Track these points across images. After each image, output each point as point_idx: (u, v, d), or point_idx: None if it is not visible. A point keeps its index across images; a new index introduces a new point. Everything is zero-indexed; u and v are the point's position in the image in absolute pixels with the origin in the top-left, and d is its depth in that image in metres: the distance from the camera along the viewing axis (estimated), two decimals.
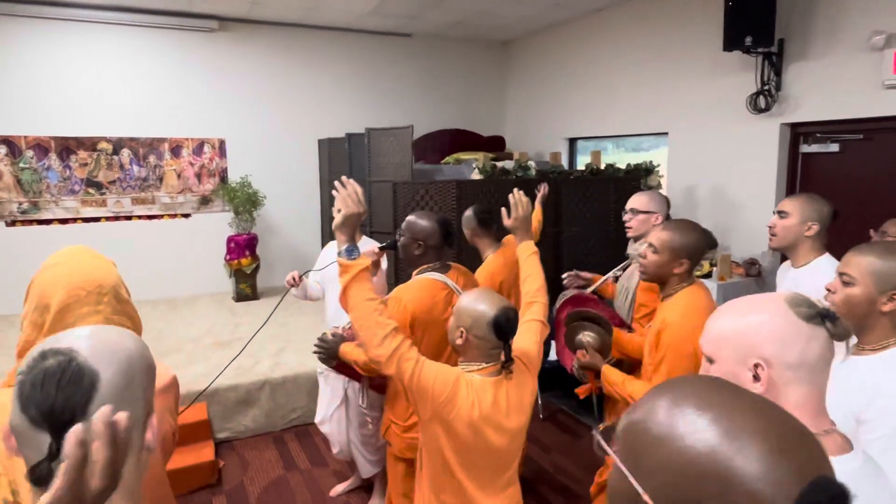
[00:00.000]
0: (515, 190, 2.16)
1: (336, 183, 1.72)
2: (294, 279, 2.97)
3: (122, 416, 0.72)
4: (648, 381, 2.01)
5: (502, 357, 1.67)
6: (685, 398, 0.61)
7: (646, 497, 0.58)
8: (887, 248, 1.46)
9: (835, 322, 0.98)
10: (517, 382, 1.68)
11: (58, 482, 0.68)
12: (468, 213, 3.11)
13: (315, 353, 2.41)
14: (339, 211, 1.70)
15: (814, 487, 0.52)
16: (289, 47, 6.48)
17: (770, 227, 2.30)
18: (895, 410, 1.28)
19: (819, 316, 0.98)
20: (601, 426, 0.67)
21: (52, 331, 1.26)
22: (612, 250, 4.81)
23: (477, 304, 1.64)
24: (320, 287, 3.16)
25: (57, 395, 0.73)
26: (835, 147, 4.06)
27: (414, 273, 2.43)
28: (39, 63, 5.53)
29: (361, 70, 6.84)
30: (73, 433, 0.69)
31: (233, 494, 3.32)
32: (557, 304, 2.84)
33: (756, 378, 0.98)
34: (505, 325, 1.61)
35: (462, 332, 1.64)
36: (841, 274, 1.51)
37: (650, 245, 2.05)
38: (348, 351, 2.25)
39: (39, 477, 0.72)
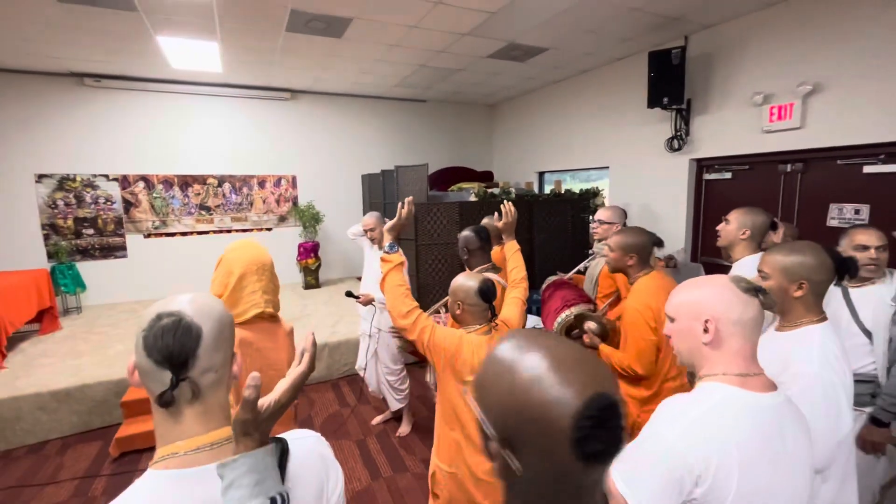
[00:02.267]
0: (506, 201, 2.07)
1: (407, 200, 1.75)
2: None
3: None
4: (624, 352, 1.93)
5: (489, 317, 1.63)
6: (499, 353, 0.58)
7: (489, 428, 0.54)
8: (791, 247, 1.39)
9: (765, 296, 0.99)
10: None
11: (301, 367, 0.75)
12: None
13: (396, 338, 2.53)
14: (396, 219, 1.74)
15: (589, 402, 0.49)
16: (341, 109, 6.54)
17: (717, 230, 2.10)
18: (803, 374, 1.22)
19: (753, 290, 0.98)
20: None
21: (234, 289, 1.41)
22: (570, 251, 4.83)
23: (465, 282, 1.63)
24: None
25: (174, 344, 0.71)
26: (728, 175, 4.05)
27: None
28: (166, 123, 5.64)
29: (392, 125, 6.89)
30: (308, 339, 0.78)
31: (303, 424, 3.36)
32: (544, 286, 2.83)
33: (706, 330, 0.97)
34: (486, 291, 1.59)
35: (459, 304, 1.62)
36: (759, 271, 1.42)
37: (608, 245, 1.97)
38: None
39: (166, 401, 0.71)
